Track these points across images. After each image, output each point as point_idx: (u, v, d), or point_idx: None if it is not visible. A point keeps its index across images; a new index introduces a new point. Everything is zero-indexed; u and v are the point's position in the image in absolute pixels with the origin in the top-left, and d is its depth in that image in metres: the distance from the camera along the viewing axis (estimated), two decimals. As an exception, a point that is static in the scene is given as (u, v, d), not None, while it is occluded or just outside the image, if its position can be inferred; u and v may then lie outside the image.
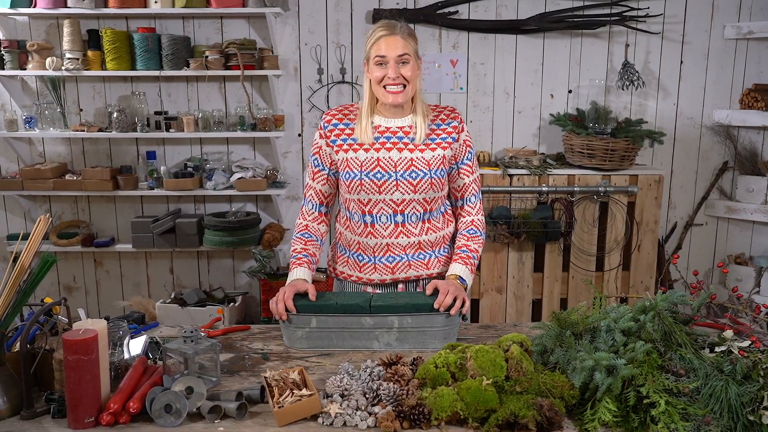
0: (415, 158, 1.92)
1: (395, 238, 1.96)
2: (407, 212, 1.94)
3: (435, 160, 1.93)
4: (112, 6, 3.53)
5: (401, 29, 1.89)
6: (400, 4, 3.75)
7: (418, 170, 1.91)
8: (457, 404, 1.33)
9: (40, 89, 3.85)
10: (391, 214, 1.94)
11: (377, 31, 1.88)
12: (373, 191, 1.92)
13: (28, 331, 1.40)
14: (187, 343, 1.50)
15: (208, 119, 3.76)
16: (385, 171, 1.91)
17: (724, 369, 1.40)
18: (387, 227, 1.95)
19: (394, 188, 1.91)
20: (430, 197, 1.95)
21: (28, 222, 3.98)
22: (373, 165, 1.91)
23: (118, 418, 1.34)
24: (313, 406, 1.37)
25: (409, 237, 1.96)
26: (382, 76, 1.87)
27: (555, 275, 3.58)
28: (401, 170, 1.91)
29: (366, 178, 1.91)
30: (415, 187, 1.91)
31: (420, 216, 1.96)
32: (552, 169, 3.52)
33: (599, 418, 1.33)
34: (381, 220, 1.95)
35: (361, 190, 1.92)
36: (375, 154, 1.92)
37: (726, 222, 3.97)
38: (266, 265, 3.76)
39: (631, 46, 3.76)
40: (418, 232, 1.97)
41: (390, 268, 1.98)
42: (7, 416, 1.39)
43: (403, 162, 1.91)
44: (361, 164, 1.92)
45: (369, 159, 1.92)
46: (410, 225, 1.96)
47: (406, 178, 1.91)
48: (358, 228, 1.99)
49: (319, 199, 2.03)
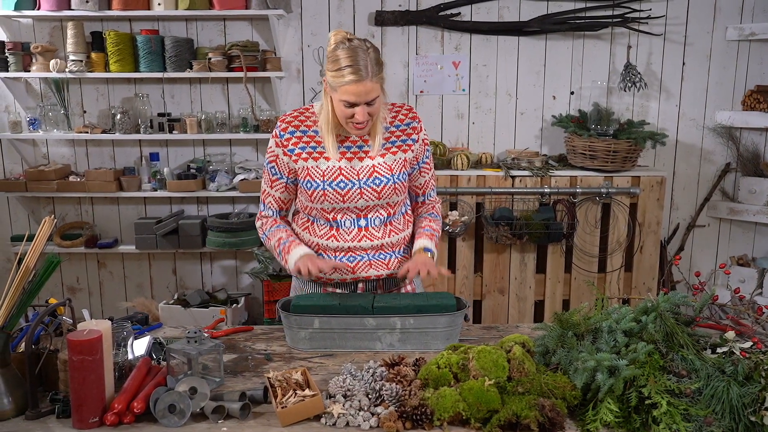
0: (377, 164, 1.90)
1: (358, 241, 1.94)
2: (371, 216, 1.94)
3: (397, 164, 1.92)
4: (116, 8, 3.54)
5: (370, 70, 1.76)
6: (402, 6, 3.76)
7: (381, 176, 1.89)
8: (459, 405, 1.34)
9: (44, 91, 3.87)
10: (355, 218, 1.93)
11: (350, 72, 1.74)
12: (337, 200, 1.89)
13: (33, 332, 1.41)
14: (190, 344, 1.51)
15: (211, 121, 3.77)
16: (348, 179, 1.88)
17: (725, 370, 1.41)
18: (350, 231, 1.93)
19: (358, 196, 1.89)
20: (393, 201, 1.95)
21: (32, 223, 3.99)
22: (335, 174, 1.88)
23: (123, 418, 1.35)
24: (316, 406, 1.37)
25: (372, 240, 1.94)
26: (350, 116, 1.81)
27: (557, 276, 3.59)
28: (364, 177, 1.89)
29: (329, 188, 1.88)
30: (379, 194, 1.90)
31: (383, 219, 1.95)
32: (554, 171, 3.52)
33: (601, 419, 1.33)
34: (345, 225, 1.93)
35: (324, 200, 1.89)
36: (336, 163, 1.89)
37: (728, 223, 3.97)
38: (269, 266, 3.77)
39: (633, 47, 3.76)
40: (380, 235, 1.95)
41: (351, 268, 1.95)
42: (12, 416, 1.39)
43: (366, 169, 1.89)
44: (323, 173, 1.88)
45: (331, 168, 1.88)
46: (373, 229, 1.94)
47: (369, 186, 1.89)
48: (320, 231, 1.96)
49: (278, 205, 2.00)
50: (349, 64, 1.74)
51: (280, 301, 1.83)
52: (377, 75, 1.79)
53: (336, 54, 1.77)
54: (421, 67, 3.82)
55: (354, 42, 1.78)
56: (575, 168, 3.58)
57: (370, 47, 1.80)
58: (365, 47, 1.78)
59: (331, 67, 1.78)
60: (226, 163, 3.89)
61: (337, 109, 1.82)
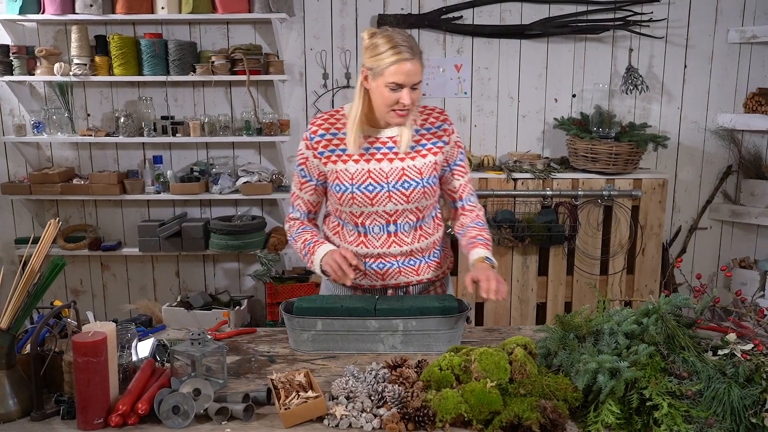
0: (407, 167, 1.88)
1: (387, 248, 1.93)
2: (400, 222, 1.92)
3: (426, 168, 1.89)
4: (120, 12, 3.56)
5: (415, 50, 1.77)
6: (404, 9, 3.78)
7: (410, 179, 1.87)
8: (461, 406, 1.34)
9: (48, 94, 3.89)
10: (384, 224, 1.91)
11: (395, 53, 1.73)
12: (366, 204, 1.88)
13: (38, 334, 1.42)
14: (194, 346, 1.52)
15: (214, 124, 3.78)
16: (377, 183, 1.87)
17: (726, 372, 1.41)
18: (379, 237, 1.93)
19: (387, 200, 1.88)
20: (423, 205, 1.92)
21: (36, 226, 4.01)
22: (364, 177, 1.87)
23: (127, 419, 1.36)
24: (319, 408, 1.38)
25: (402, 246, 1.94)
26: (394, 102, 1.78)
27: (559, 279, 3.59)
28: (393, 181, 1.87)
29: (357, 191, 1.87)
30: (408, 198, 1.88)
31: (413, 224, 1.93)
32: (556, 173, 3.53)
33: (602, 421, 1.34)
34: (373, 231, 1.92)
35: (353, 204, 1.88)
36: (365, 165, 1.87)
37: (730, 226, 3.97)
38: (272, 268, 3.78)
39: (634, 50, 3.77)
40: (410, 240, 1.94)
41: (380, 275, 1.95)
42: (17, 417, 1.40)
43: (395, 172, 1.87)
44: (351, 176, 1.87)
45: (359, 171, 1.87)
46: (403, 234, 1.93)
47: (398, 189, 1.87)
48: (350, 236, 1.95)
49: (307, 208, 2.00)
50: (394, 45, 1.74)
51: (283, 303, 1.84)
52: (420, 57, 1.78)
53: (375, 42, 1.77)
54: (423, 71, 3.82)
55: (392, 29, 1.79)
56: (577, 170, 3.58)
57: (409, 34, 1.80)
58: (404, 32, 1.79)
59: (373, 53, 1.76)
60: (229, 165, 3.90)
61: (381, 97, 1.79)
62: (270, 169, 3.94)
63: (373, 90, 1.81)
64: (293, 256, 4.09)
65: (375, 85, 1.80)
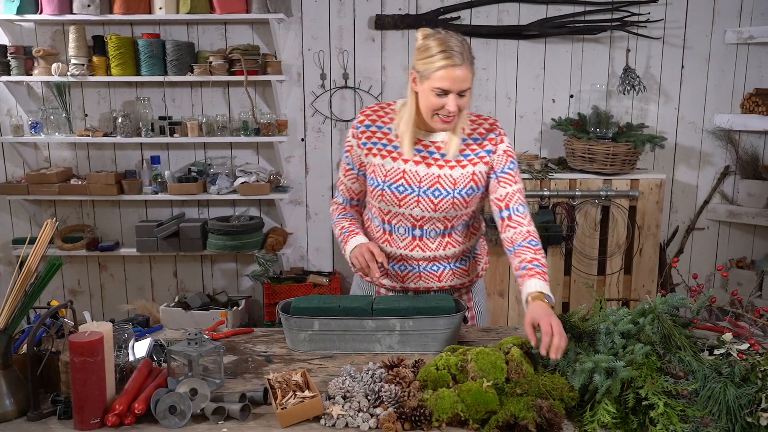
0: (442, 175, 1.83)
1: (410, 251, 1.91)
2: (426, 228, 1.89)
3: (463, 178, 1.83)
4: (117, 12, 3.56)
5: (465, 56, 1.69)
6: (402, 9, 3.78)
7: (441, 188, 1.82)
8: (457, 406, 1.35)
9: (46, 95, 3.89)
10: (410, 227, 1.89)
11: (445, 57, 1.68)
12: (393, 203, 1.86)
13: (34, 334, 1.42)
14: (191, 346, 1.52)
15: (212, 124, 3.78)
16: (408, 185, 1.84)
17: (722, 371, 1.42)
18: (404, 239, 1.91)
19: (414, 204, 1.85)
20: (452, 216, 1.87)
21: (33, 226, 4.01)
22: (397, 176, 1.84)
23: (123, 419, 1.36)
24: (316, 407, 1.38)
25: (425, 251, 1.91)
26: (439, 107, 1.73)
27: (557, 279, 3.59)
28: (425, 186, 1.83)
29: (387, 189, 1.85)
30: (436, 206, 1.84)
31: (440, 232, 1.90)
32: (553, 174, 3.53)
33: (598, 420, 1.34)
34: (399, 231, 1.91)
35: (381, 200, 1.87)
36: (402, 165, 1.84)
37: (728, 226, 3.98)
38: (269, 269, 3.78)
39: (632, 51, 3.77)
40: (435, 247, 1.91)
41: (400, 277, 1.95)
42: (14, 417, 1.40)
43: (429, 178, 1.83)
44: (385, 173, 1.85)
45: (395, 169, 1.84)
46: (428, 240, 1.90)
47: (428, 196, 1.83)
48: (376, 232, 1.96)
49: (349, 195, 2.01)
50: (444, 49, 1.68)
51: (280, 303, 1.84)
52: (471, 64, 1.71)
53: (427, 43, 1.72)
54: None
55: (446, 32, 1.73)
56: (574, 171, 3.59)
57: (463, 38, 1.74)
58: (459, 36, 1.73)
59: (423, 55, 1.72)
60: (226, 166, 3.90)
61: (426, 100, 1.74)
62: (268, 169, 3.94)
63: (420, 93, 1.76)
64: (291, 257, 4.10)
65: (422, 88, 1.74)
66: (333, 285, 3.83)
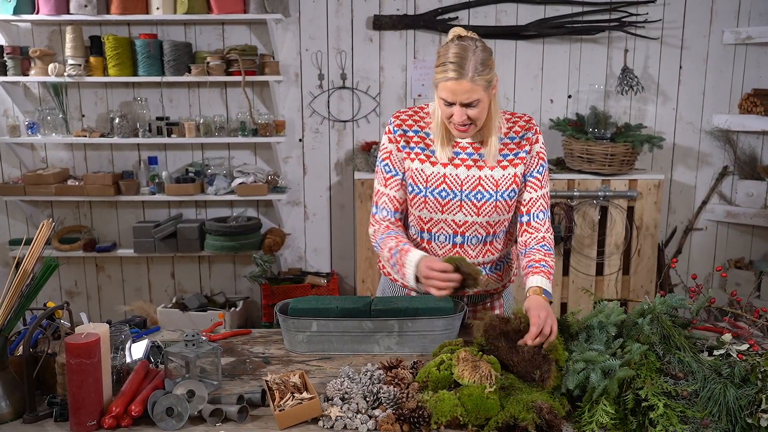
0: (484, 177, 1.79)
1: None
2: (468, 234, 1.84)
3: (505, 180, 1.80)
4: (115, 12, 3.55)
5: (470, 69, 1.65)
6: (400, 10, 3.78)
7: (484, 191, 1.79)
8: (457, 409, 1.34)
9: (43, 95, 3.87)
10: (451, 234, 1.84)
11: (441, 70, 1.67)
12: (436, 210, 1.81)
13: (30, 335, 1.41)
14: (188, 347, 1.51)
15: (210, 125, 3.78)
16: (450, 189, 1.80)
17: (722, 372, 1.41)
18: (443, 246, 1.86)
19: (458, 209, 1.81)
20: (494, 220, 1.83)
21: (30, 227, 3.99)
22: (438, 181, 1.80)
23: (120, 421, 1.35)
24: (314, 409, 1.37)
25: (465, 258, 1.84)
26: (449, 115, 1.72)
27: (555, 279, 3.59)
28: (467, 190, 1.80)
29: (430, 195, 1.80)
30: (479, 210, 1.80)
31: (481, 239, 1.85)
32: (552, 174, 3.53)
33: (597, 421, 1.33)
34: (439, 240, 1.86)
35: (423, 208, 1.82)
36: (442, 169, 1.80)
37: (726, 226, 3.98)
38: (267, 269, 3.77)
39: (630, 51, 3.78)
40: (475, 254, 1.87)
41: None
42: (9, 420, 1.39)
43: (471, 181, 1.79)
44: (426, 179, 1.80)
45: (435, 174, 1.80)
46: (469, 248, 1.86)
47: (470, 199, 1.79)
48: (413, 240, 1.89)
49: (393, 205, 1.88)
50: (451, 61, 1.65)
51: (278, 305, 1.83)
52: (480, 76, 1.65)
53: (445, 48, 1.70)
54: (419, 71, 3.83)
55: (466, 41, 1.68)
56: (573, 171, 3.59)
57: (480, 47, 1.68)
58: (474, 46, 1.67)
59: (437, 62, 1.71)
60: (224, 166, 3.89)
61: (440, 108, 1.74)
62: (265, 170, 3.93)
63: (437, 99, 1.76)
64: (289, 257, 4.09)
65: (436, 95, 1.74)
66: (331, 286, 3.82)
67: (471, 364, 1.42)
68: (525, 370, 1.46)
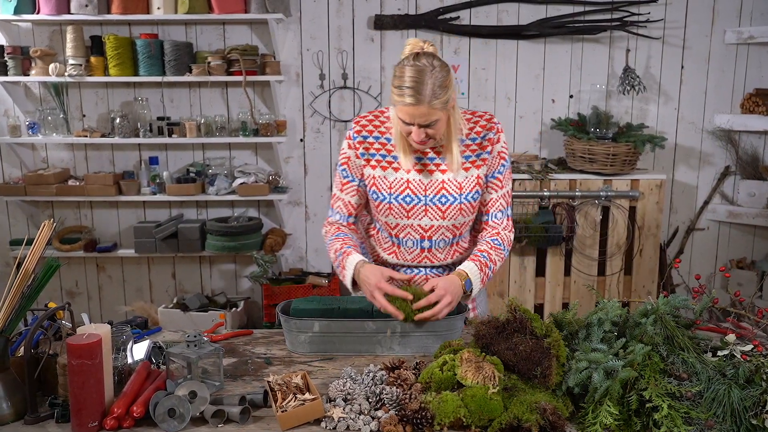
0: (447, 180, 1.81)
1: (419, 262, 1.89)
2: (435, 238, 1.86)
3: (468, 183, 1.82)
4: (115, 12, 3.55)
5: (428, 94, 1.63)
6: (401, 9, 3.77)
7: (448, 194, 1.80)
8: (460, 411, 1.33)
9: (43, 95, 3.87)
10: (418, 239, 1.86)
11: (401, 93, 1.65)
12: (401, 215, 1.83)
13: (32, 336, 1.40)
14: (190, 348, 1.50)
15: (211, 125, 3.77)
16: (415, 194, 1.81)
17: (726, 373, 1.40)
18: (412, 252, 1.88)
19: (423, 213, 1.82)
20: (460, 222, 1.85)
21: (31, 227, 3.99)
22: (402, 187, 1.81)
23: (122, 422, 1.35)
24: (317, 410, 1.37)
25: (434, 262, 1.90)
26: (408, 133, 1.72)
27: (557, 280, 3.58)
28: (431, 194, 1.81)
29: (395, 201, 1.81)
30: (444, 213, 1.82)
31: (448, 241, 1.88)
32: (553, 174, 3.52)
33: (601, 422, 1.32)
34: (407, 245, 1.88)
35: (389, 214, 1.84)
36: (405, 175, 1.81)
37: (728, 226, 3.97)
38: (268, 270, 3.77)
39: (632, 51, 3.77)
40: (444, 257, 1.90)
41: (406, 281, 1.89)
42: (10, 421, 1.39)
43: (434, 185, 1.81)
44: (390, 185, 1.82)
45: (398, 180, 1.81)
46: (437, 251, 1.88)
47: (435, 203, 1.81)
48: (384, 243, 1.92)
49: (347, 210, 1.91)
50: (407, 86, 1.64)
51: (280, 305, 1.83)
52: (438, 99, 1.65)
53: (401, 69, 1.67)
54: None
55: (421, 60, 1.66)
56: (574, 171, 3.58)
57: (437, 67, 1.66)
58: (431, 66, 1.65)
59: (394, 82, 1.68)
60: (225, 167, 3.89)
61: (399, 123, 1.73)
62: (266, 170, 3.92)
63: None
64: (290, 257, 4.08)
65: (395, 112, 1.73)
66: (332, 286, 3.82)
67: (474, 365, 1.42)
68: (525, 368, 1.45)
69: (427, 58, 1.67)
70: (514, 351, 1.46)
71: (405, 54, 1.70)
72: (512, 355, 1.46)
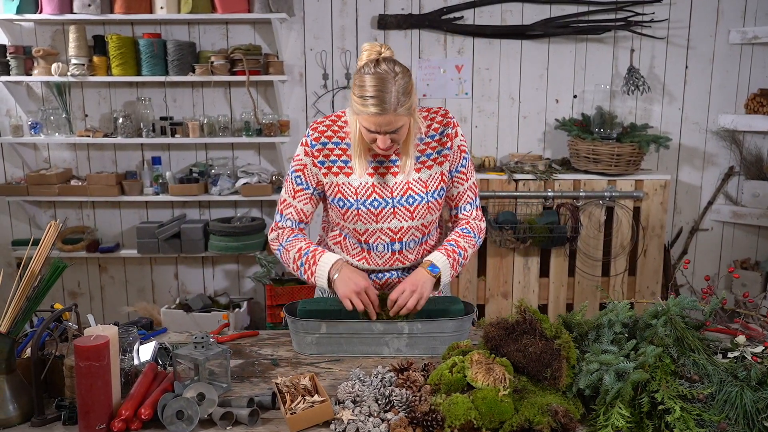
0: (412, 180, 1.79)
1: (391, 265, 1.87)
2: (405, 240, 1.84)
3: (433, 180, 1.81)
4: (118, 12, 3.54)
5: (393, 102, 1.61)
6: (405, 9, 3.76)
7: (415, 194, 1.79)
8: (471, 413, 1.32)
9: (46, 95, 3.86)
10: (389, 242, 1.83)
11: (366, 104, 1.62)
12: (370, 221, 1.80)
13: (38, 338, 1.39)
14: (197, 349, 1.49)
15: (214, 125, 3.76)
16: (382, 198, 1.78)
17: (738, 375, 1.39)
18: (383, 255, 1.86)
19: (392, 216, 1.80)
20: (428, 221, 1.85)
21: (33, 228, 3.98)
22: (368, 192, 1.78)
23: (130, 424, 1.34)
24: (326, 412, 1.36)
25: (405, 263, 1.88)
26: (372, 140, 1.69)
27: (561, 280, 3.57)
28: (398, 195, 1.79)
29: (363, 207, 1.78)
30: (413, 214, 1.80)
31: (418, 241, 1.87)
32: (557, 174, 3.51)
33: (612, 424, 1.31)
34: (377, 249, 1.85)
35: (357, 220, 1.80)
36: (369, 179, 1.78)
37: (732, 227, 3.96)
38: (271, 270, 3.76)
39: (636, 51, 3.76)
40: (414, 257, 1.89)
41: (379, 285, 1.90)
42: (17, 423, 1.38)
43: (399, 186, 1.79)
44: (355, 191, 1.78)
45: (363, 185, 1.78)
46: (408, 252, 1.87)
47: (403, 204, 1.79)
48: (353, 250, 1.88)
49: (299, 217, 1.86)
50: (372, 95, 1.61)
51: (286, 306, 1.82)
52: (403, 106, 1.63)
53: (362, 78, 1.64)
54: (424, 71, 3.81)
55: (382, 67, 1.63)
56: (578, 171, 3.57)
57: (399, 73, 1.64)
58: (393, 73, 1.62)
59: (356, 91, 1.65)
60: (228, 167, 3.88)
61: (362, 132, 1.70)
62: (269, 170, 3.91)
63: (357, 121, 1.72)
64: (293, 258, 4.06)
65: (357, 118, 1.70)
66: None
67: (484, 366, 1.41)
68: (535, 369, 1.44)
69: (388, 64, 1.64)
70: (524, 352, 1.45)
71: (363, 60, 1.67)
72: (522, 357, 1.45)
